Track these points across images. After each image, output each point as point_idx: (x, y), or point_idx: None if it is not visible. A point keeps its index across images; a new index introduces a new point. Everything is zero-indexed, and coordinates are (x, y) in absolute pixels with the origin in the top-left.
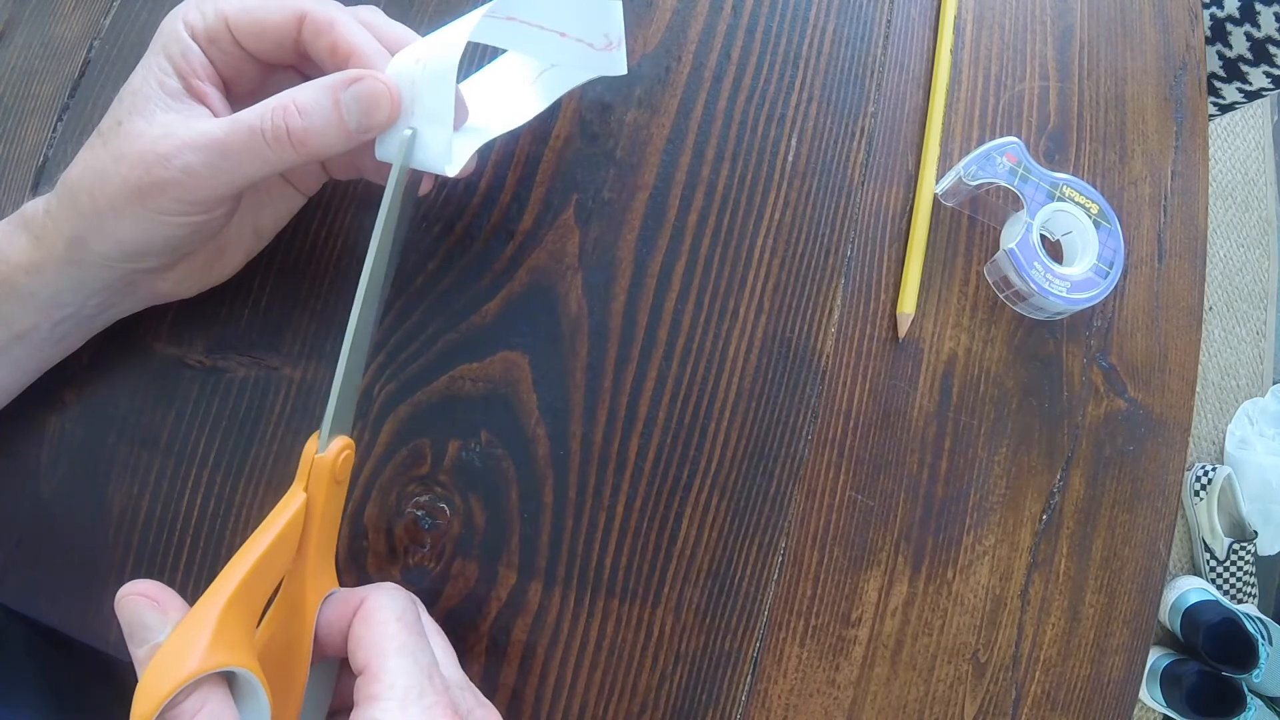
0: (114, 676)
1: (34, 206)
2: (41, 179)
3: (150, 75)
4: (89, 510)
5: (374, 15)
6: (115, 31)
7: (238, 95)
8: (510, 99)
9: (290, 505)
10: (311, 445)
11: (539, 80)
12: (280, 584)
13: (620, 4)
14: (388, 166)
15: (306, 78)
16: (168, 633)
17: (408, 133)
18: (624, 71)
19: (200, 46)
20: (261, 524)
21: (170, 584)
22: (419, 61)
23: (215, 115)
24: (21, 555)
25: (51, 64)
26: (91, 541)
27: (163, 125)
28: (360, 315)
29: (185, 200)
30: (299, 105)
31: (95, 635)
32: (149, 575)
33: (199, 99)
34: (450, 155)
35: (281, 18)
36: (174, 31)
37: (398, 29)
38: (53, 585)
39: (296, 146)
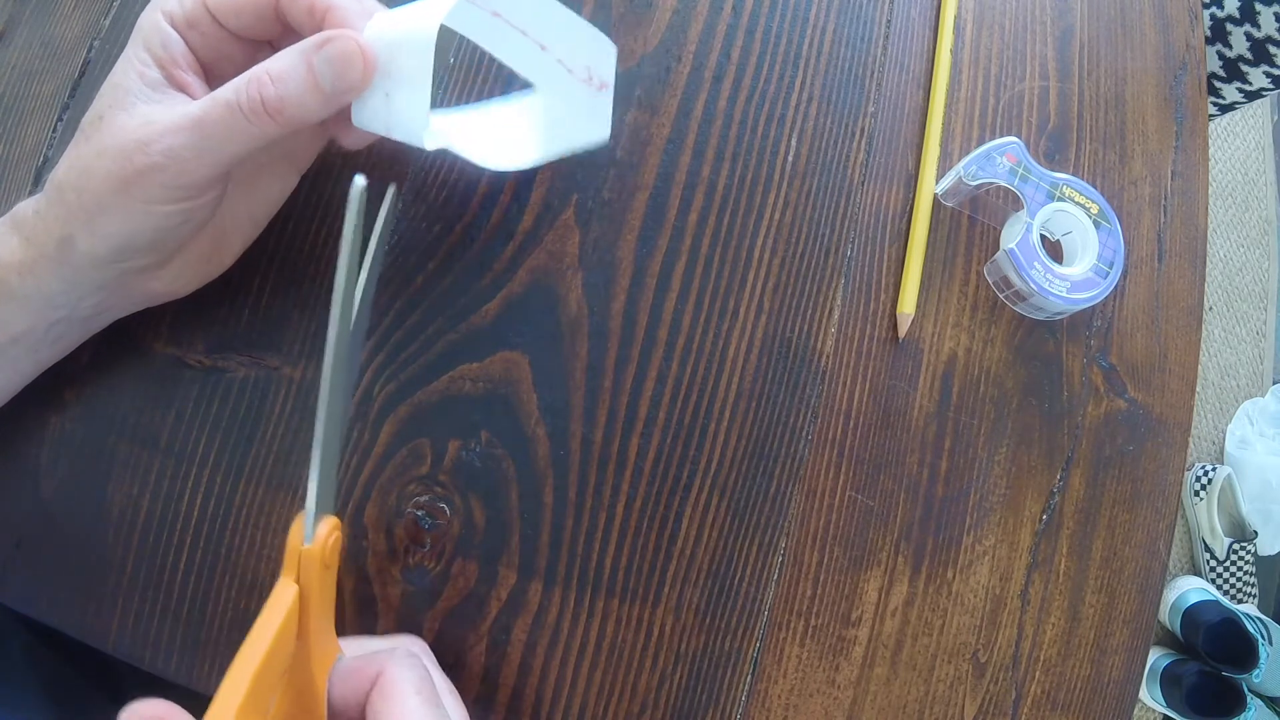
0: (113, 677)
1: (24, 208)
2: (41, 178)
3: (130, 68)
4: (89, 510)
5: None
6: (115, 31)
7: (222, 80)
8: (494, 139)
9: (283, 601)
10: (296, 534)
11: (528, 135)
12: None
13: (615, 49)
14: (362, 135)
15: None
16: None
17: (360, 181)
18: (605, 135)
19: (180, 33)
20: (256, 623)
21: (170, 584)
22: (398, 26)
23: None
24: (21, 555)
25: (51, 64)
26: (91, 541)
27: (143, 115)
28: (331, 395)
29: (171, 185)
30: (272, 74)
31: (95, 635)
32: (149, 575)
33: (180, 88)
34: (427, 125)
35: None
36: (153, 23)
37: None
38: (53, 585)
39: (274, 115)
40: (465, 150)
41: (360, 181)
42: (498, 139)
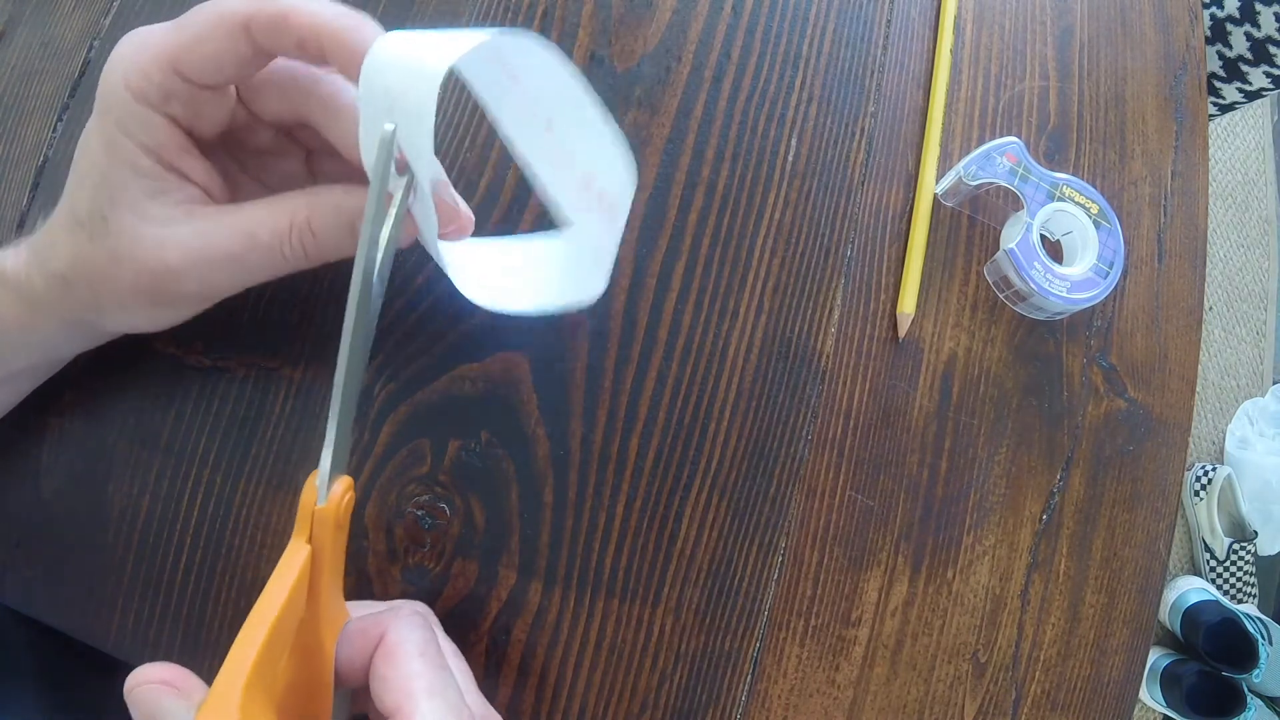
0: (114, 676)
1: (15, 270)
2: (41, 178)
3: (118, 158)
4: (89, 510)
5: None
6: (115, 31)
7: (205, 140)
8: (489, 276)
9: (295, 561)
10: (309, 493)
11: (525, 281)
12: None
13: (634, 173)
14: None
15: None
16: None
17: (389, 128)
18: (601, 286)
19: (157, 110)
20: (268, 584)
21: (170, 584)
22: (410, 53)
23: (205, 191)
24: (21, 555)
25: (51, 64)
26: (91, 541)
27: (159, 222)
28: (351, 351)
29: (203, 299)
30: (314, 228)
31: (95, 635)
32: (149, 575)
33: (181, 174)
34: (431, 148)
35: (226, 34)
36: (124, 105)
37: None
38: (53, 585)
39: (314, 259)
40: (457, 279)
41: (389, 128)
42: (493, 276)
